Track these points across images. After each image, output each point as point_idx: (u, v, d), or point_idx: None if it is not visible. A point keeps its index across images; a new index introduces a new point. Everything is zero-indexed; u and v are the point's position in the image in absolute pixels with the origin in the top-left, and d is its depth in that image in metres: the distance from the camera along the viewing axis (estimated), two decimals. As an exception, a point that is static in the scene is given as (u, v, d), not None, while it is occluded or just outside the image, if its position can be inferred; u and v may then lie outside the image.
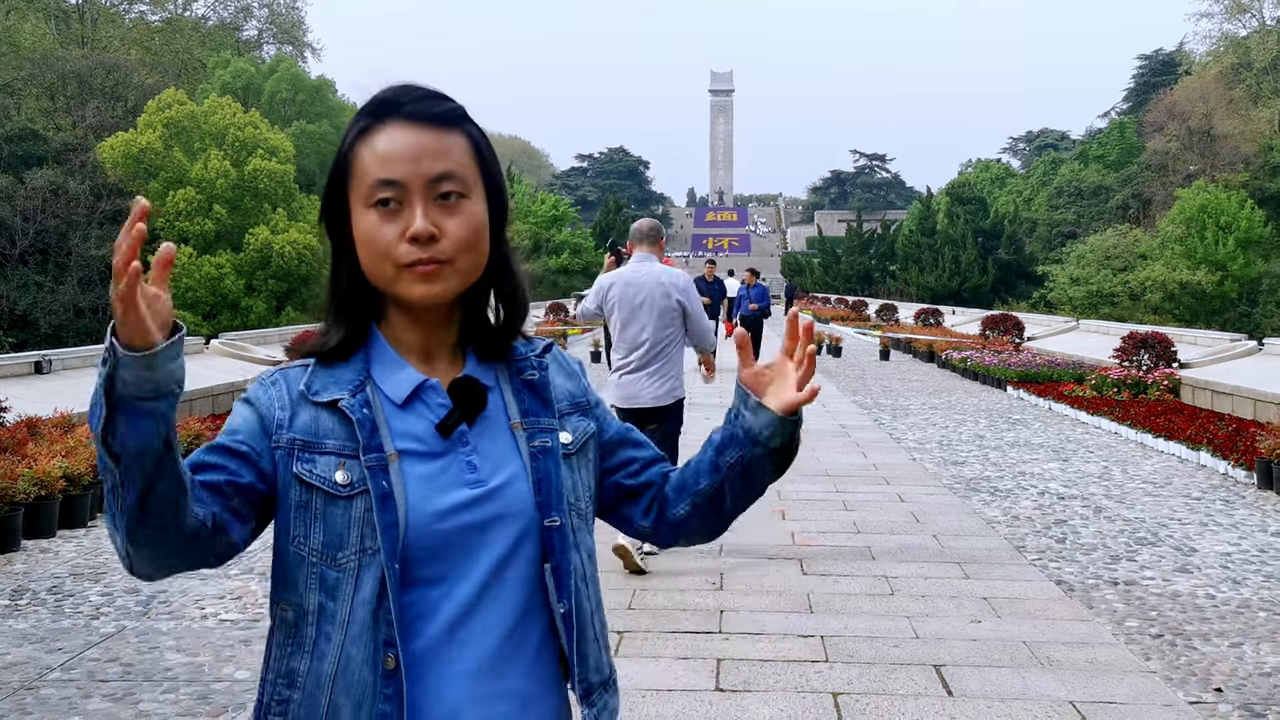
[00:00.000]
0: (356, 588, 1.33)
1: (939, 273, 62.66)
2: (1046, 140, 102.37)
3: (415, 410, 1.41)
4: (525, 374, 1.50)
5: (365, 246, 1.37)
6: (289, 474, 1.36)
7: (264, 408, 1.38)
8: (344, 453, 1.35)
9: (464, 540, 1.37)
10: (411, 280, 1.36)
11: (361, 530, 1.33)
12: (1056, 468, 10.23)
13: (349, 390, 1.38)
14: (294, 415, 1.38)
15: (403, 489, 1.35)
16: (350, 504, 1.34)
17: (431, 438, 1.39)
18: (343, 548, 1.34)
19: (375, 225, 1.35)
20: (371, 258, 1.37)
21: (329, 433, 1.37)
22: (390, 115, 1.38)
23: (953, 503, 8.54)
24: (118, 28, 61.48)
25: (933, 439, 12.12)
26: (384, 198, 1.35)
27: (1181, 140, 61.35)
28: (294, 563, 1.36)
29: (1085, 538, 7.38)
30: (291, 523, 1.36)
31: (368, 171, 1.36)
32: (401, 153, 1.35)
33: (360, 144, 1.38)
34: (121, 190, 40.84)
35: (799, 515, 8.03)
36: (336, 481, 1.34)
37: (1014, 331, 22.88)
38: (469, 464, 1.40)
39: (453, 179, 1.37)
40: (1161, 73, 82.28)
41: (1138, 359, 15.44)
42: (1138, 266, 52.15)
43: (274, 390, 1.40)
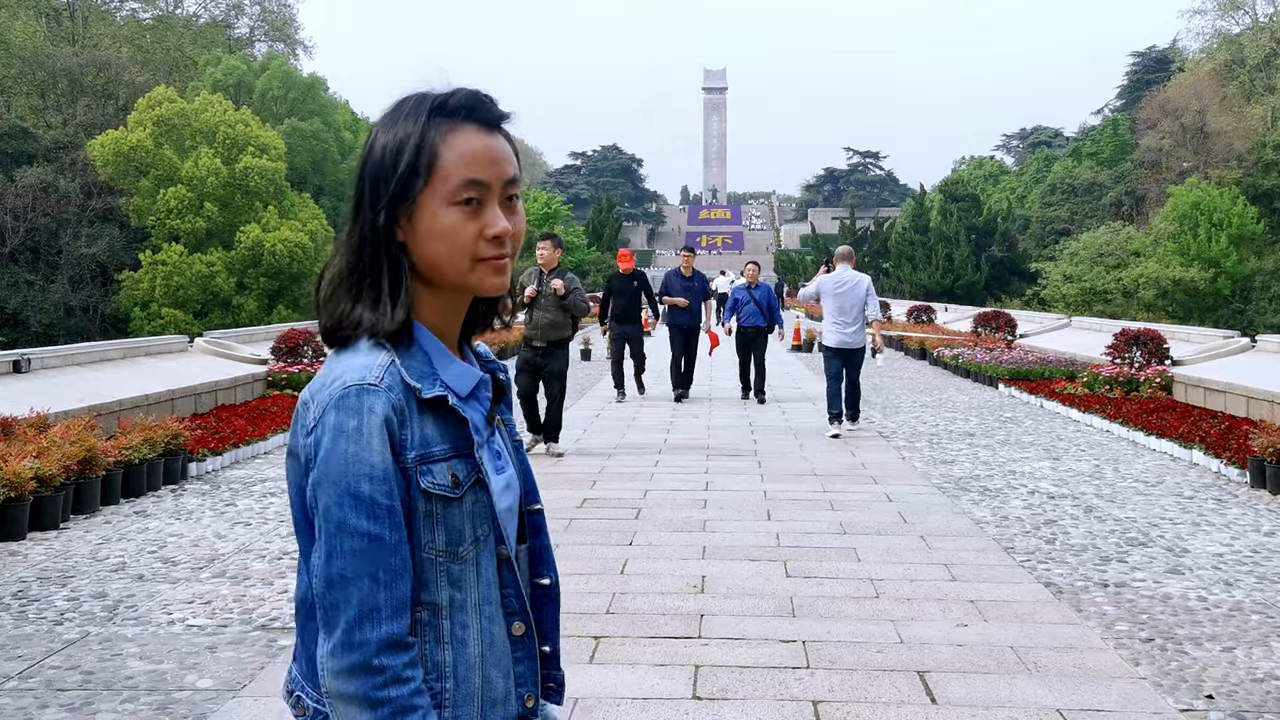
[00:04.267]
0: (479, 574, 1.45)
1: (932, 270, 62.57)
2: (1040, 137, 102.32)
3: (470, 403, 1.50)
4: (498, 374, 1.61)
5: (444, 240, 1.43)
6: (416, 490, 1.41)
7: (395, 432, 1.39)
8: (450, 455, 1.43)
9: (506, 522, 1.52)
10: (486, 272, 1.45)
11: (473, 522, 1.44)
12: (1047, 466, 10.11)
13: (440, 386, 1.45)
14: (411, 430, 1.41)
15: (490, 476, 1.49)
16: (462, 502, 1.43)
17: (484, 427, 1.52)
18: (461, 542, 1.43)
19: (459, 222, 1.43)
20: (449, 251, 1.43)
21: (435, 437, 1.43)
22: (466, 118, 1.45)
23: (941, 502, 8.41)
24: (109, 25, 61.31)
25: (923, 437, 12.00)
26: (470, 197, 1.43)
27: (1174, 137, 61.33)
28: (425, 566, 1.42)
29: (1075, 538, 7.26)
30: (420, 532, 1.41)
31: (454, 171, 1.43)
32: (485, 156, 1.44)
33: (445, 143, 1.43)
34: (112, 188, 40.65)
35: (784, 515, 7.89)
36: (451, 484, 1.43)
37: (1006, 329, 22.76)
38: (497, 452, 1.54)
39: (515, 183, 1.48)
40: (1154, 70, 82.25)
41: (1130, 356, 15.32)
42: (1131, 264, 52.11)
43: (395, 403, 1.40)
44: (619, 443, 11.50)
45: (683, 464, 10.14)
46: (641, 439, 11.76)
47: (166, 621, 5.45)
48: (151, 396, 11.95)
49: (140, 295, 37.84)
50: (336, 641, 1.34)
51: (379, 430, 1.36)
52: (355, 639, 1.32)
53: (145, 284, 37.61)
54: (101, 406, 10.81)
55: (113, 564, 6.58)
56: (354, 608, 1.33)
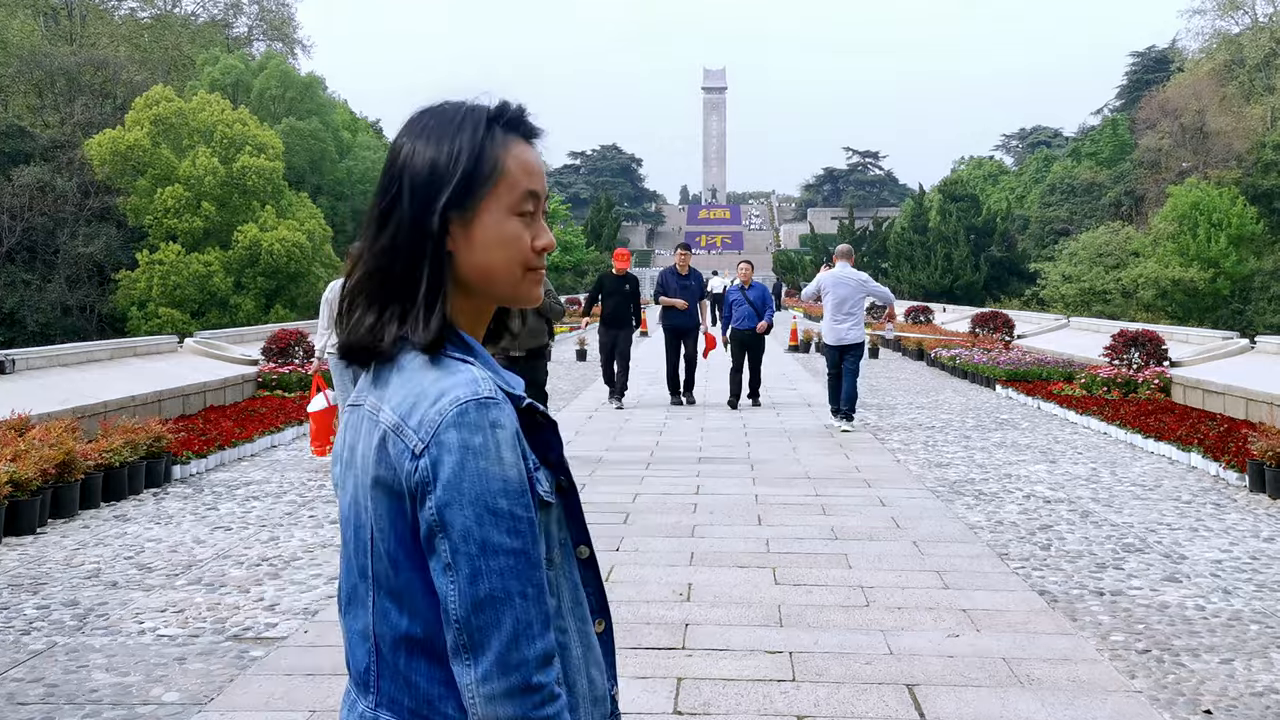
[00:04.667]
0: (567, 577, 1.44)
1: (931, 270, 62.45)
2: (1039, 137, 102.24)
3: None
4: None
5: (505, 249, 1.43)
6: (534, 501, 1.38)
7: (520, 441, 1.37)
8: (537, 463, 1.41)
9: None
10: (533, 285, 1.47)
11: (558, 525, 1.44)
12: (1043, 470, 9.97)
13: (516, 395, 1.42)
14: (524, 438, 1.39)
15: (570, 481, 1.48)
16: (552, 508, 1.42)
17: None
18: (552, 547, 1.42)
19: (520, 232, 1.44)
20: (508, 260, 1.43)
21: (529, 444, 1.40)
22: (520, 131, 1.47)
23: (935, 507, 8.27)
24: (106, 24, 61.28)
25: (918, 439, 11.86)
26: (529, 209, 1.44)
27: (1174, 137, 61.21)
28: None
29: (1071, 544, 7.12)
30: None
31: (518, 182, 1.44)
32: (538, 169, 1.46)
33: (507, 153, 1.44)
34: (109, 187, 40.54)
35: (775, 520, 7.76)
36: (553, 489, 1.43)
37: (1004, 329, 22.62)
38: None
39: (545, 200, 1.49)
40: (1154, 70, 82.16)
41: (1128, 357, 15.18)
42: (1130, 264, 51.99)
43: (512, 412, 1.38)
44: (610, 445, 11.36)
45: (673, 467, 10.00)
46: (634, 440, 11.62)
47: (137, 631, 5.31)
48: (138, 398, 11.82)
49: (137, 295, 37.73)
50: (490, 666, 1.29)
51: (510, 443, 1.33)
52: (513, 659, 1.29)
53: (142, 283, 37.49)
54: (86, 408, 10.67)
55: (87, 571, 6.44)
56: (508, 628, 1.29)
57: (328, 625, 5.37)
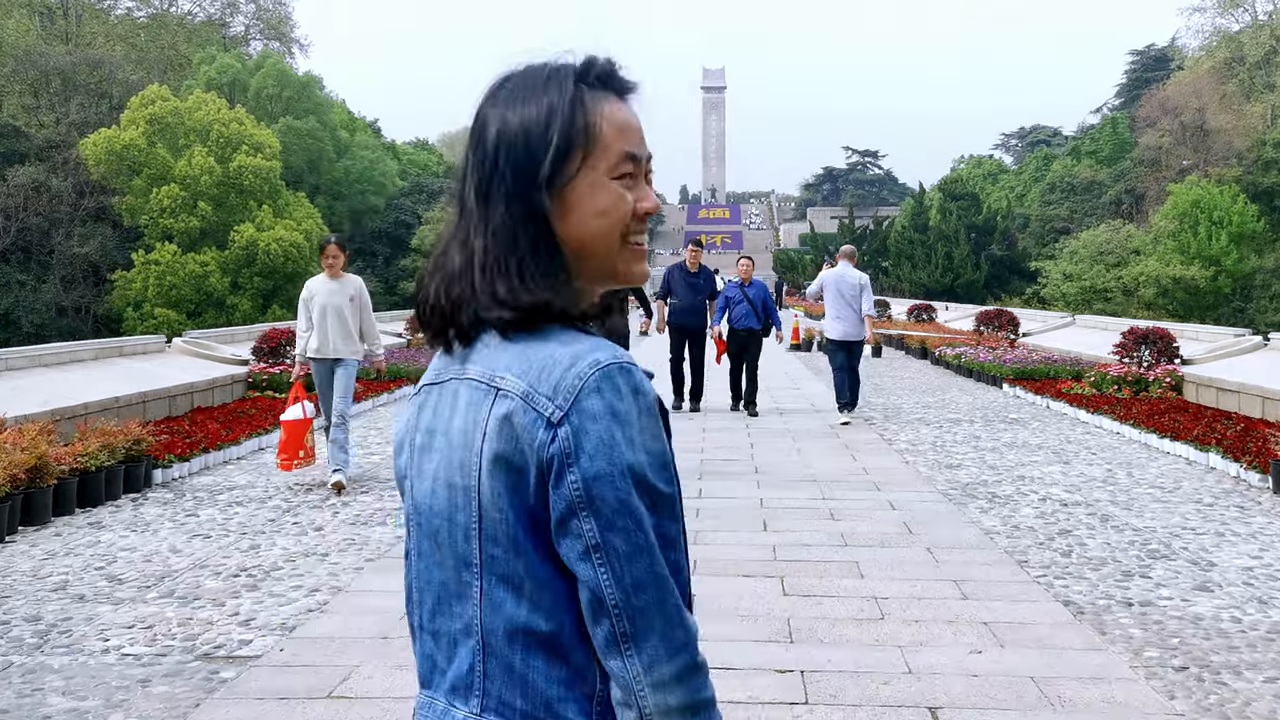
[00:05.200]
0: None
1: (932, 269, 62.18)
2: (1039, 136, 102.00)
3: None
4: None
5: (604, 215, 1.31)
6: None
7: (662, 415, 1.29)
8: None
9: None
10: (633, 260, 1.34)
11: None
12: (1058, 471, 9.62)
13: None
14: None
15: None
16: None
17: None
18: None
19: (620, 195, 1.32)
20: (607, 228, 1.32)
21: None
22: (615, 89, 1.36)
23: (948, 511, 7.92)
24: (102, 24, 61.16)
25: (926, 440, 11.51)
26: (628, 172, 1.33)
27: (1174, 135, 60.96)
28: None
29: (1093, 550, 6.77)
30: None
31: (613, 142, 1.32)
32: (636, 130, 1.35)
33: (599, 115, 1.32)
34: (105, 187, 40.30)
35: (781, 525, 7.41)
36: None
37: (1009, 327, 22.27)
38: None
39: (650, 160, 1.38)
40: (1154, 68, 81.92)
41: (1139, 355, 14.84)
42: (1131, 262, 51.77)
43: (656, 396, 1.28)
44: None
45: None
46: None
47: (100, 650, 4.95)
48: (122, 399, 11.47)
49: (133, 295, 37.45)
50: (656, 651, 1.19)
51: (653, 412, 1.24)
52: (677, 639, 1.20)
53: (138, 284, 37.21)
54: (66, 410, 10.32)
55: (54, 582, 6.08)
56: (670, 607, 1.20)
57: (305, 642, 5.01)
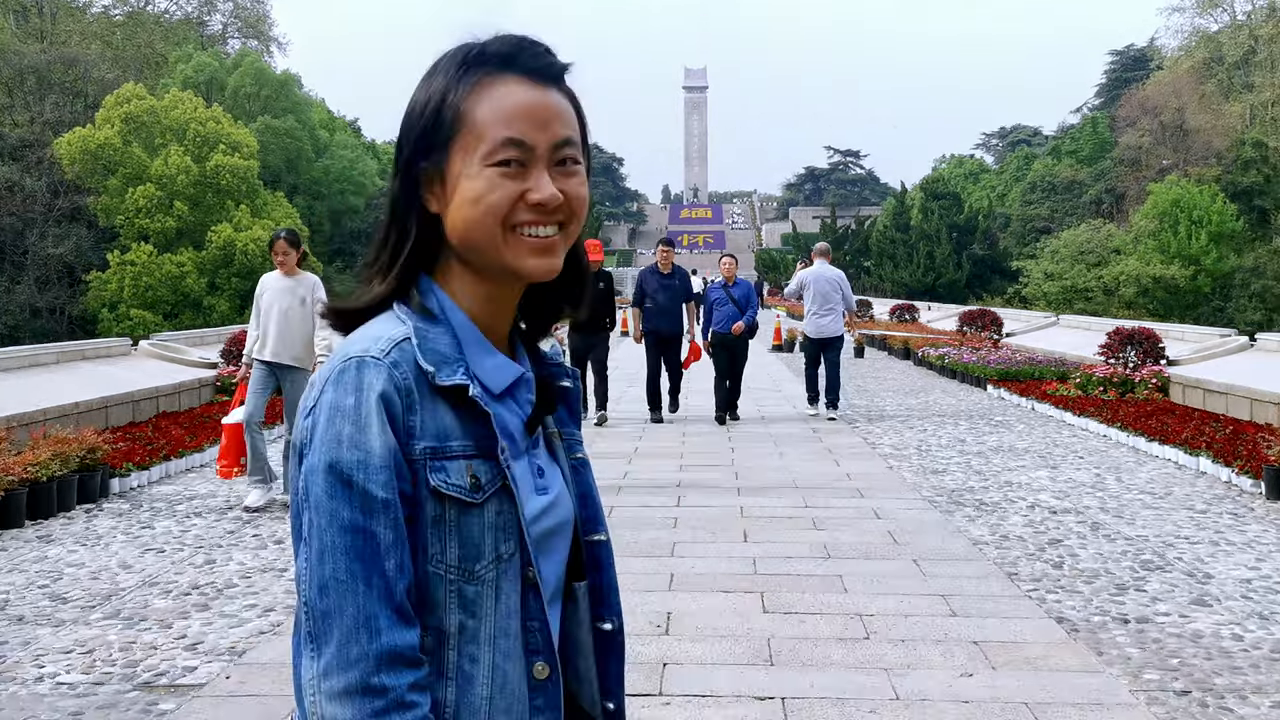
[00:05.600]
0: (498, 598, 1.22)
1: (913, 268, 62.21)
2: (1019, 136, 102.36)
3: (506, 403, 1.28)
4: (560, 381, 1.40)
5: (474, 205, 1.22)
6: (424, 489, 1.18)
7: (398, 415, 1.18)
8: (469, 453, 1.21)
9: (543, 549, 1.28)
10: (526, 252, 1.23)
11: (496, 536, 1.22)
12: (1045, 476, 9.38)
13: (463, 373, 1.23)
14: (421, 414, 1.20)
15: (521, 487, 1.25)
16: (483, 510, 1.21)
17: (520, 435, 1.29)
18: (479, 558, 1.21)
19: (494, 184, 1.22)
20: (480, 216, 1.22)
21: (452, 430, 1.21)
22: (509, 69, 1.25)
23: (934, 519, 7.66)
24: (78, 22, 60.69)
25: (910, 444, 11.26)
26: (508, 158, 1.22)
27: (1154, 135, 61.16)
28: (433, 583, 1.19)
29: (1085, 561, 6.52)
30: (428, 540, 1.19)
31: (489, 128, 1.22)
32: (529, 113, 1.23)
33: (475, 96, 1.23)
34: (79, 187, 39.83)
35: (762, 536, 7.13)
36: (469, 486, 1.20)
37: (992, 327, 22.09)
38: (537, 468, 1.30)
39: (572, 145, 1.26)
40: (1133, 68, 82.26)
41: (1124, 356, 14.64)
42: (1111, 261, 51.90)
43: (400, 383, 1.19)
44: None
45: (655, 464, 9.37)
46: (610, 447, 10.98)
47: (34, 678, 4.63)
48: (82, 404, 11.11)
49: (108, 296, 37.01)
50: (330, 658, 1.13)
51: (377, 409, 1.17)
52: (352, 653, 1.12)
53: (114, 285, 36.77)
54: (23, 416, 9.96)
55: (-6, 602, 5.76)
56: (349, 616, 1.13)
57: (254, 668, 4.70)
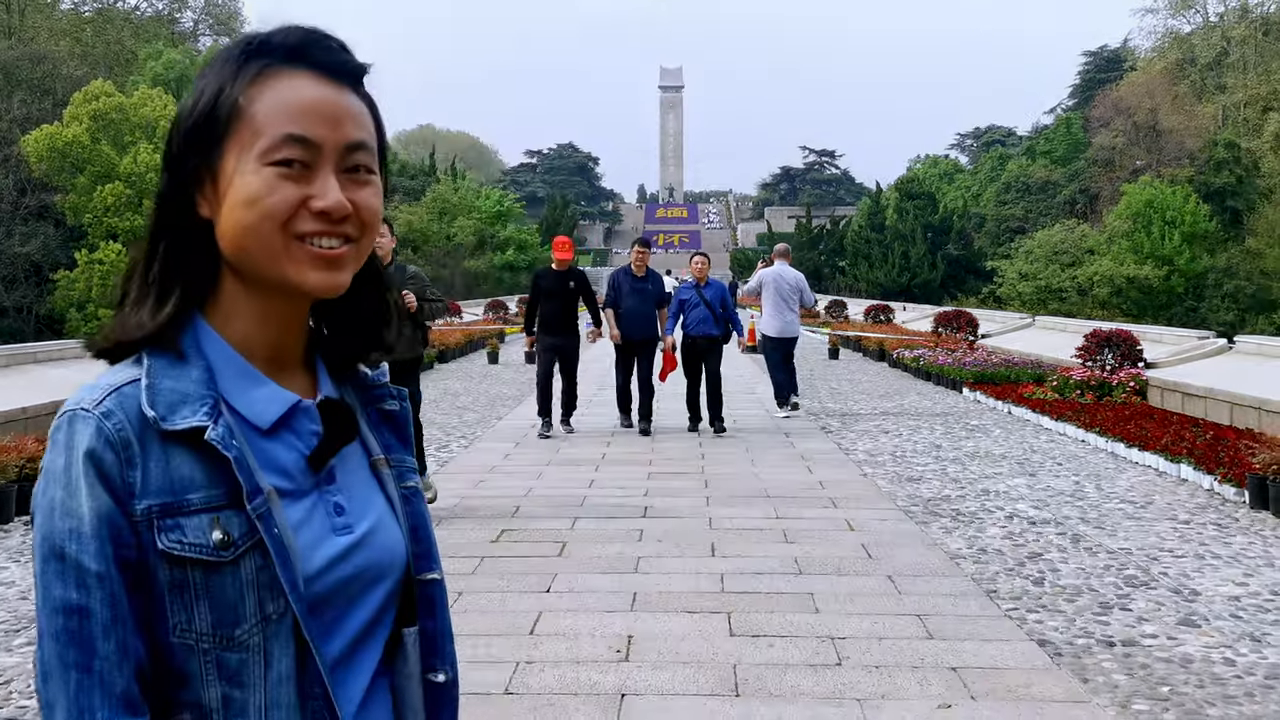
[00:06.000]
0: (268, 665, 1.06)
1: (888, 268, 62.21)
2: (993, 136, 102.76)
3: (281, 438, 1.14)
4: (384, 404, 1.29)
5: (249, 208, 1.08)
6: (153, 554, 1.03)
7: (111, 474, 1.03)
8: (215, 504, 1.05)
9: (341, 597, 1.13)
10: (307, 264, 1.09)
11: (258, 595, 1.06)
12: (1023, 484, 9.13)
13: (205, 412, 1.07)
14: (145, 469, 1.04)
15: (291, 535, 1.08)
16: (237, 568, 1.05)
17: (300, 472, 1.14)
18: (240, 622, 1.05)
19: (272, 185, 1.08)
20: (256, 221, 1.08)
21: (189, 482, 1.05)
22: (296, 63, 1.12)
23: (910, 531, 7.39)
24: (46, 18, 60.03)
25: (885, 450, 10.99)
26: (289, 158, 1.09)
27: (1127, 135, 61.43)
28: (181, 655, 1.04)
29: (1066, 577, 6.26)
30: (169, 610, 1.04)
31: (269, 123, 1.10)
32: (317, 110, 1.11)
33: (254, 89, 1.11)
34: (47, 185, 39.31)
35: (731, 549, 6.84)
36: (216, 544, 1.04)
37: (968, 329, 21.93)
38: (335, 505, 1.15)
39: (366, 150, 1.14)
40: (1107, 69, 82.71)
41: (1101, 358, 14.45)
42: (1085, 262, 52.06)
43: (114, 435, 1.04)
44: (551, 460, 10.41)
45: (622, 471, 9.07)
46: (577, 453, 10.67)
47: (-60, 714, 4.29)
48: (31, 410, 10.70)
49: (76, 296, 36.54)
50: None
51: (84, 469, 1.02)
52: None
53: (81, 284, 36.31)
54: (-35, 423, 9.56)
55: (-91, 627, 5.39)
56: (62, 709, 1.00)
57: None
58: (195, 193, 1.12)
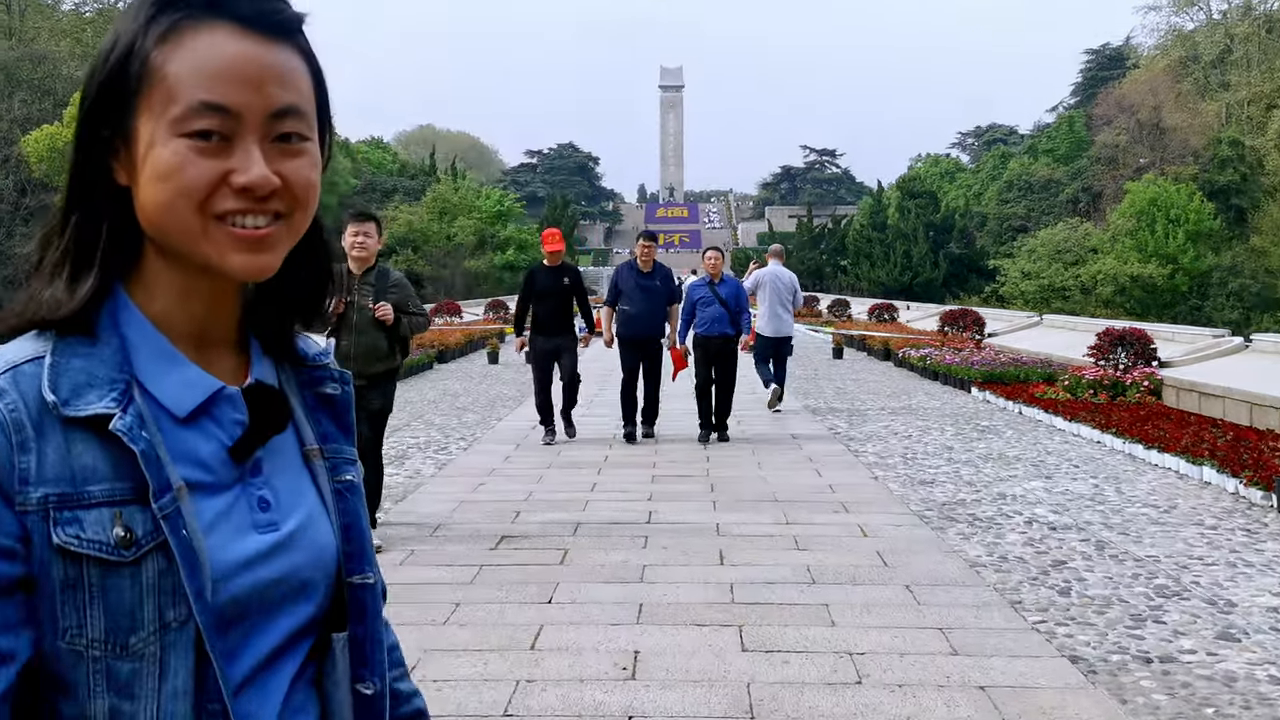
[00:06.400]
0: (163, 677, 0.94)
1: (890, 267, 61.98)
2: (995, 135, 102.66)
3: (201, 426, 1.01)
4: (323, 387, 1.16)
5: (165, 182, 0.96)
6: (47, 548, 0.92)
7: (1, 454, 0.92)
8: (117, 498, 0.93)
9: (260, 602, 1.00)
10: (230, 246, 0.97)
11: (159, 600, 0.94)
12: (1040, 487, 8.84)
13: (114, 398, 0.95)
14: (40, 454, 0.93)
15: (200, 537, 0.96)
16: (139, 569, 0.93)
17: (220, 464, 1.01)
18: (136, 629, 0.93)
19: (186, 159, 0.95)
20: (170, 198, 0.96)
21: (90, 472, 0.93)
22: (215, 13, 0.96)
23: (926, 537, 7.09)
24: (47, 19, 60.01)
25: (895, 451, 10.70)
26: (206, 128, 0.95)
27: (1131, 133, 61.18)
28: (67, 661, 0.93)
29: (1094, 586, 5.96)
30: (59, 611, 0.92)
31: (182, 88, 0.95)
32: (238, 71, 0.96)
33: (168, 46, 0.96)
34: (47, 185, 39.17)
35: (740, 557, 6.54)
36: (115, 542, 0.93)
37: (974, 328, 21.62)
38: (260, 500, 1.03)
39: (297, 116, 0.99)
40: (1109, 67, 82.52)
41: (1114, 357, 14.16)
42: (1089, 260, 51.81)
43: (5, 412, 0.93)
44: (552, 464, 10.12)
45: (625, 474, 8.78)
46: (579, 455, 10.38)
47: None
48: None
49: (76, 295, 36.46)
50: None
51: None
52: None
53: (82, 284, 36.23)
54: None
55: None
56: None
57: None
58: (110, 159, 1.00)
